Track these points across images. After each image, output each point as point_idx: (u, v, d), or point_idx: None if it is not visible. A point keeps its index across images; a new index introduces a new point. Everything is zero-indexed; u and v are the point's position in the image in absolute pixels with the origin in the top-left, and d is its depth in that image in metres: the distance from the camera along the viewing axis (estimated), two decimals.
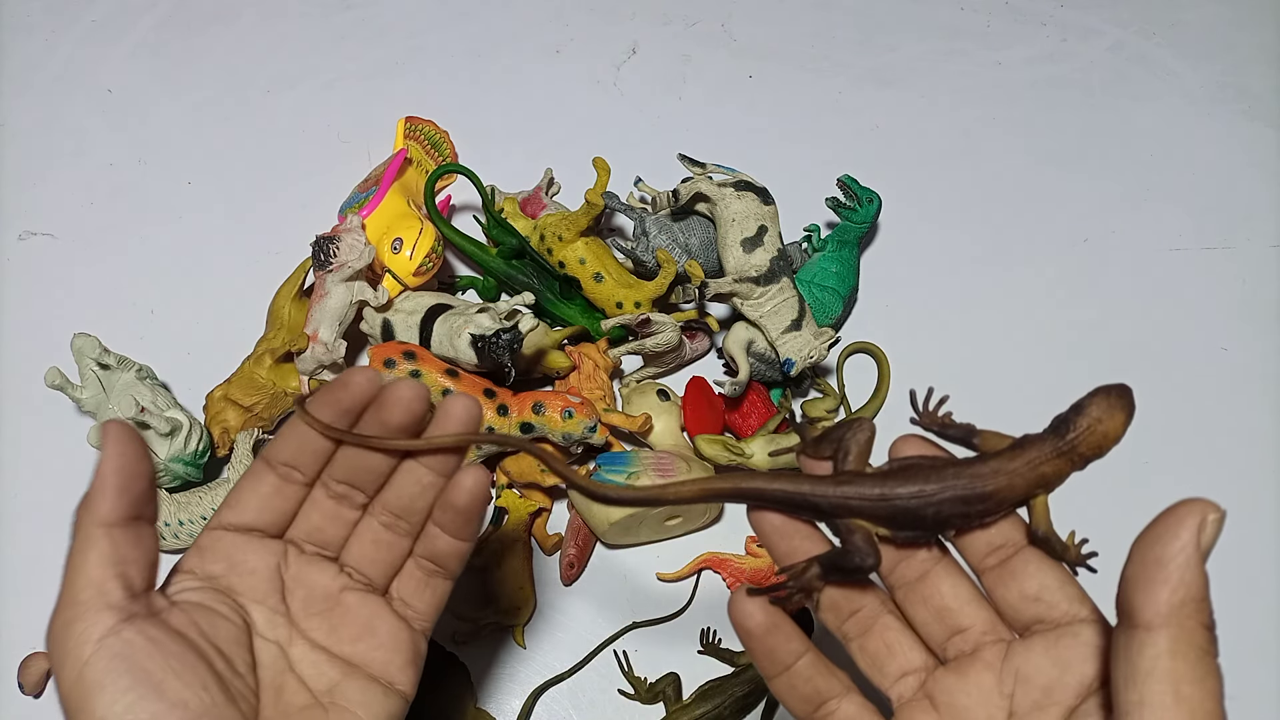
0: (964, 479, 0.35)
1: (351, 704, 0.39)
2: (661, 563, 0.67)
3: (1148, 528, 0.30)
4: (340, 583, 0.41)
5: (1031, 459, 0.35)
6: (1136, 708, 0.29)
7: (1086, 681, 0.33)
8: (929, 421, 0.39)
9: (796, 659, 0.37)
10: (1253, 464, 0.72)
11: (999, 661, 0.35)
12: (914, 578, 0.37)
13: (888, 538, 0.36)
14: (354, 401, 0.38)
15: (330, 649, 0.40)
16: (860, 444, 0.37)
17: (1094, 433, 0.35)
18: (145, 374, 0.69)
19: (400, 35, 0.92)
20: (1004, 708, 0.34)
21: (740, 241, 0.67)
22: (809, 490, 0.36)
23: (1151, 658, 0.29)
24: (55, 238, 0.81)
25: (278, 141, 0.86)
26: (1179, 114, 0.89)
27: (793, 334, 0.67)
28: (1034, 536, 0.35)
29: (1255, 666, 0.65)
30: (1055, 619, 0.34)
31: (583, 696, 0.64)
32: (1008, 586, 0.35)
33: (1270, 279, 0.80)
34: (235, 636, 0.37)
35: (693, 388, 0.69)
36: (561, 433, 0.63)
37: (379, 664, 0.40)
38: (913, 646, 0.37)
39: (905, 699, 0.37)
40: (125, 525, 0.35)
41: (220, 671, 0.35)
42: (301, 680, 0.39)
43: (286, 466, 0.39)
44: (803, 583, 0.37)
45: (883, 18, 0.94)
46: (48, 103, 0.88)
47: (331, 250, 0.67)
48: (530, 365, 0.68)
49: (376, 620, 0.41)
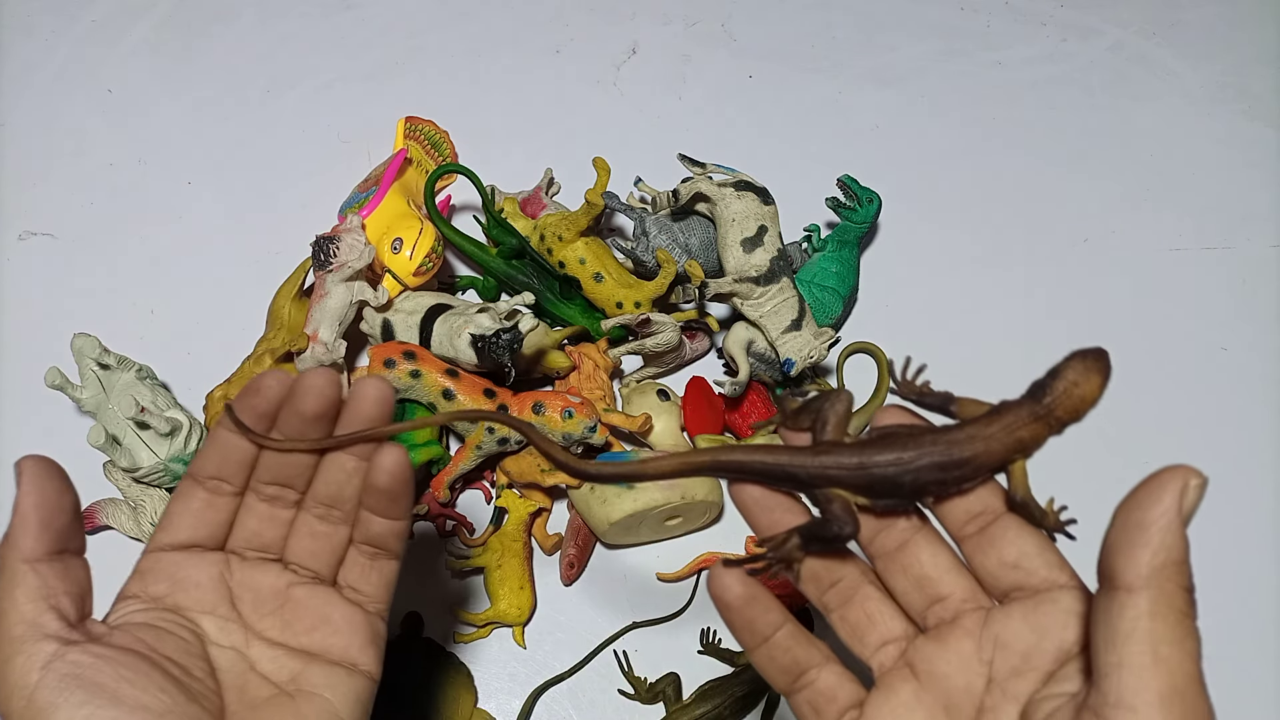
0: (941, 445, 0.35)
1: (317, 688, 0.39)
2: (661, 563, 0.67)
3: (1130, 493, 0.30)
4: (286, 580, 0.41)
5: (1008, 424, 0.35)
6: (1115, 669, 0.29)
7: (1065, 647, 0.33)
8: (907, 391, 0.39)
9: (775, 630, 0.37)
10: (1253, 463, 0.72)
11: (978, 629, 0.35)
12: (894, 547, 0.37)
13: (867, 507, 0.36)
14: (269, 405, 0.38)
15: (288, 644, 0.40)
16: (838, 414, 0.37)
17: (1070, 396, 0.35)
18: (145, 374, 0.69)
19: (400, 35, 0.92)
20: (983, 674, 0.35)
21: (740, 241, 0.67)
22: (787, 461, 0.36)
23: (1131, 619, 0.29)
24: (55, 238, 0.81)
25: (278, 141, 0.86)
26: (1179, 114, 0.89)
27: (793, 334, 0.67)
28: (1012, 502, 0.35)
29: (1256, 665, 0.65)
30: (1034, 585, 0.34)
31: (583, 696, 0.64)
32: (987, 554, 0.35)
33: (1270, 279, 0.80)
34: (186, 648, 0.37)
35: (693, 388, 0.69)
36: (561, 433, 0.63)
37: (338, 649, 0.41)
38: (893, 616, 0.37)
39: (886, 668, 0.37)
40: (50, 560, 0.35)
41: (176, 676, 0.35)
42: (264, 676, 0.39)
43: (214, 480, 0.40)
44: (783, 553, 0.37)
45: (883, 18, 0.94)
46: (48, 103, 0.88)
47: (331, 250, 0.67)
48: (530, 365, 0.68)
49: (328, 609, 0.41)
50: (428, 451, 0.65)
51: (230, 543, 0.41)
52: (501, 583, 0.64)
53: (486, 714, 0.62)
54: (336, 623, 0.41)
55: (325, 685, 0.39)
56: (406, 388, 0.64)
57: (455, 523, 0.68)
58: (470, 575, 0.67)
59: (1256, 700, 0.64)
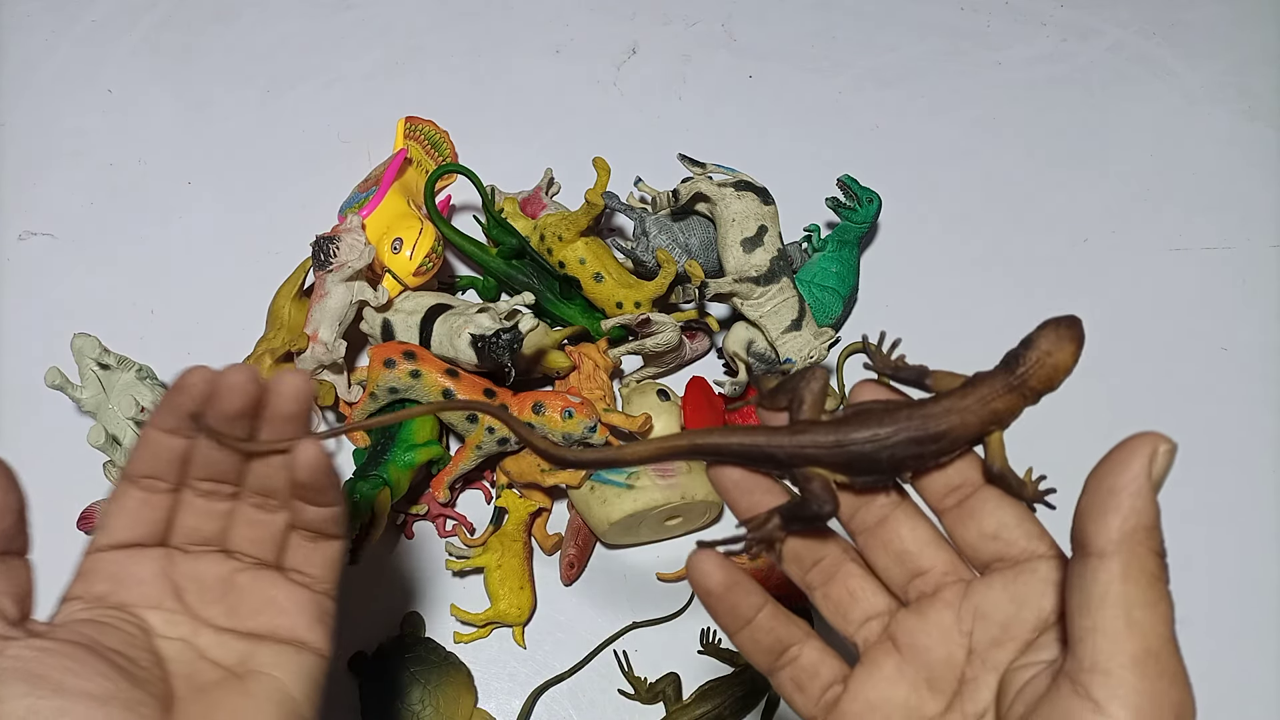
0: (916, 420, 0.35)
1: (265, 667, 0.40)
2: (661, 563, 0.67)
3: (1101, 461, 0.30)
4: (230, 567, 0.42)
5: (983, 395, 0.35)
6: (1089, 633, 0.29)
7: (1044, 616, 0.33)
8: (882, 365, 0.39)
9: (757, 611, 0.37)
10: (1253, 464, 0.72)
11: (958, 600, 0.35)
12: (874, 523, 0.37)
13: (846, 484, 0.36)
14: (195, 402, 0.38)
15: (235, 628, 0.41)
16: (814, 393, 0.37)
17: (1044, 365, 0.35)
18: (145, 374, 0.69)
19: (400, 35, 0.92)
20: (963, 645, 0.35)
21: (740, 241, 0.67)
22: (765, 441, 0.36)
23: (1104, 583, 0.29)
24: (55, 238, 0.81)
25: (278, 141, 0.86)
26: (1179, 114, 0.89)
27: (793, 334, 0.67)
28: (990, 474, 0.35)
29: (1256, 664, 0.65)
30: (1014, 556, 0.34)
31: (583, 696, 0.64)
32: (966, 526, 0.36)
33: (1270, 279, 0.80)
34: (131, 640, 0.37)
35: (693, 388, 0.69)
36: (561, 433, 0.63)
37: (286, 629, 0.41)
38: (876, 592, 0.37)
39: (870, 643, 0.37)
40: None
41: (121, 665, 0.35)
42: (214, 661, 0.39)
43: (147, 479, 0.40)
44: (764, 534, 0.37)
45: (883, 18, 0.94)
46: (48, 103, 0.88)
47: (332, 250, 0.67)
48: (530, 365, 0.68)
49: (273, 591, 0.42)
50: (428, 452, 0.65)
51: (171, 538, 0.41)
52: (502, 583, 0.64)
53: (486, 714, 0.62)
54: (282, 604, 0.41)
55: (274, 664, 0.40)
56: (406, 387, 0.64)
57: (455, 522, 0.68)
58: (470, 575, 0.67)
59: (1257, 700, 0.64)
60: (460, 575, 0.67)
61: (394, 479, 0.62)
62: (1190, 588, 0.66)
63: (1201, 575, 0.67)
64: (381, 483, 0.61)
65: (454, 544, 0.67)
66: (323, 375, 0.68)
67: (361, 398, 0.66)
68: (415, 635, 0.64)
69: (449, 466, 0.66)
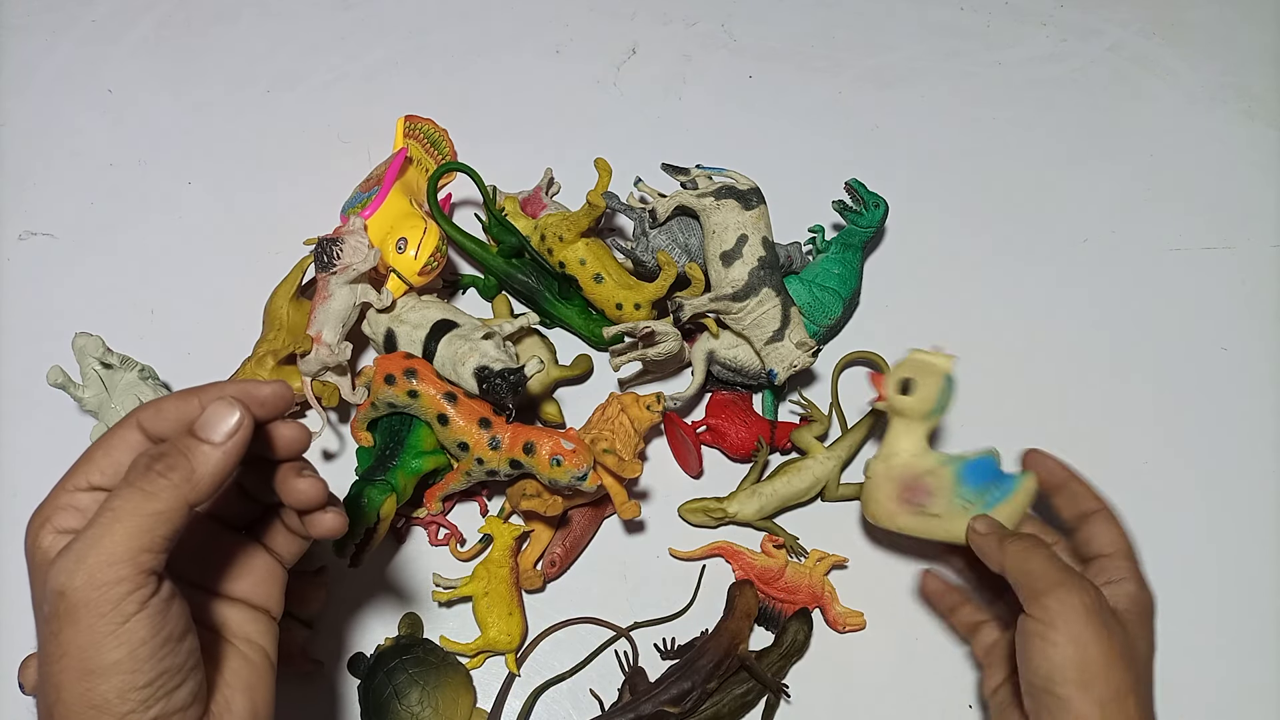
0: (704, 658, 0.61)
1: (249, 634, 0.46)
2: (668, 557, 0.67)
3: None
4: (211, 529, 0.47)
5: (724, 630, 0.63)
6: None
7: None
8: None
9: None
10: (1253, 464, 0.72)
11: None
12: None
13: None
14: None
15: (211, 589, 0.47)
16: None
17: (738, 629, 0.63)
18: (148, 374, 0.69)
19: (400, 35, 0.92)
20: None
21: (719, 255, 0.66)
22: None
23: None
24: (55, 238, 0.81)
25: (278, 141, 0.86)
26: (1179, 114, 0.89)
27: (775, 345, 0.67)
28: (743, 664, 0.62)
29: (1256, 665, 0.65)
30: None
31: (583, 696, 0.64)
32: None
33: (1270, 279, 0.80)
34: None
35: (669, 425, 0.69)
36: (548, 477, 0.61)
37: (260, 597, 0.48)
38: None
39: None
40: None
41: None
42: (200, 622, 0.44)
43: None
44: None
45: (883, 18, 0.94)
46: (48, 103, 0.88)
47: (335, 252, 0.66)
48: (533, 400, 0.68)
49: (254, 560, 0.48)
50: (435, 460, 0.65)
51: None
52: (490, 610, 0.63)
53: (486, 714, 0.62)
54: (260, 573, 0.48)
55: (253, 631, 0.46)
56: (404, 405, 0.63)
57: (447, 531, 0.67)
58: (458, 604, 0.66)
59: (1257, 700, 0.64)
60: (447, 605, 0.66)
61: (401, 486, 0.62)
62: (1191, 588, 0.66)
63: (1201, 575, 0.67)
64: (390, 489, 0.61)
65: (439, 575, 0.66)
66: (326, 377, 0.68)
67: (365, 403, 0.65)
68: (414, 636, 0.64)
69: (441, 482, 0.65)
